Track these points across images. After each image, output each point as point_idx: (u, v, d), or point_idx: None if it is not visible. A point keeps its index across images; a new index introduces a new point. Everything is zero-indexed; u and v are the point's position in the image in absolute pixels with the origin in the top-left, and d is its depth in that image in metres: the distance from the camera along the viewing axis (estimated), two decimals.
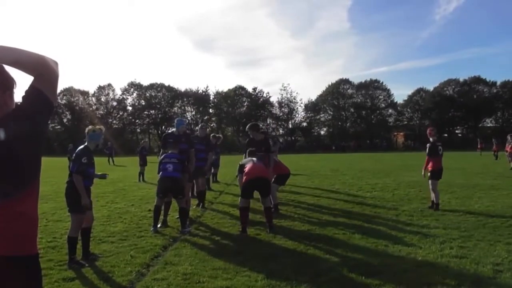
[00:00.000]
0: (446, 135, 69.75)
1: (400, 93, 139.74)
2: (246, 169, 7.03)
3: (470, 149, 44.89)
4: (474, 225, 7.08)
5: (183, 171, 7.30)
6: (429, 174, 8.99)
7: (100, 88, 79.04)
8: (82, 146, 5.50)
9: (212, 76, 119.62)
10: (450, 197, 10.29)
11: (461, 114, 73.20)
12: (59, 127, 78.32)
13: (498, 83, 74.43)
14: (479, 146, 35.97)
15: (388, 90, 78.37)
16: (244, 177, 6.99)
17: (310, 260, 5.20)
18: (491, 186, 12.53)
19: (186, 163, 7.60)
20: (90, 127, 5.67)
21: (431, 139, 9.20)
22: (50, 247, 6.01)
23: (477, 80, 75.40)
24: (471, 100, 72.66)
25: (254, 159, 7.35)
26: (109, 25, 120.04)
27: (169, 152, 7.38)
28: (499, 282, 4.30)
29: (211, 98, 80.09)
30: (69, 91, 78.26)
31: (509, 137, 21.70)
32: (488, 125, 75.28)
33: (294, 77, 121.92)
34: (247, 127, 9.07)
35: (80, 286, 4.44)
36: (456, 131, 79.32)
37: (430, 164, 9.00)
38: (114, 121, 79.23)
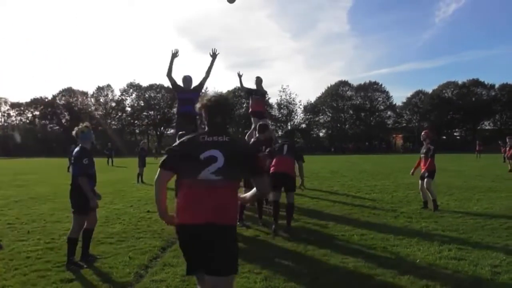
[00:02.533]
0: (444, 137, 69.92)
1: (399, 95, 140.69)
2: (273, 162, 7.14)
3: (468, 151, 44.97)
4: (472, 227, 7.08)
5: None
6: (426, 173, 9.07)
7: (99, 89, 79.12)
8: (78, 148, 5.43)
9: (211, 77, 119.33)
10: (449, 199, 10.29)
11: (460, 117, 73.45)
12: (57, 127, 78.29)
13: (497, 86, 74.85)
14: (477, 149, 36.05)
15: (387, 92, 78.69)
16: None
17: (309, 262, 5.20)
18: (489, 188, 12.53)
19: None
20: (76, 128, 5.54)
21: (429, 141, 9.41)
22: (49, 248, 5.98)
23: (476, 82, 75.68)
24: (470, 103, 72.90)
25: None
26: (108, 25, 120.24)
27: None
28: (497, 283, 4.30)
29: None
30: (68, 91, 78.35)
31: (508, 140, 21.73)
32: (487, 127, 75.47)
33: (294, 78, 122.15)
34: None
35: None
36: (455, 133, 79.54)
37: (428, 165, 9.11)
38: (113, 122, 79.26)
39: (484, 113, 72.79)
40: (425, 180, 9.05)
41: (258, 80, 11.33)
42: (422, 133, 9.78)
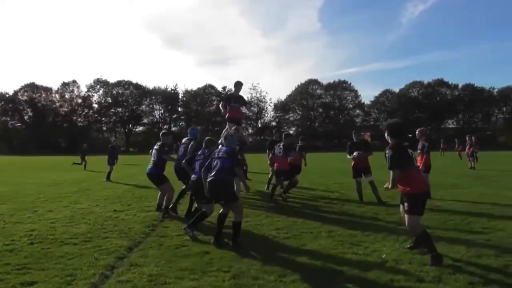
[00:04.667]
0: (410, 135, 71.62)
1: (368, 94, 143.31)
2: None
3: (433, 149, 46.30)
4: (436, 222, 7.27)
5: None
6: (423, 169, 9.56)
7: (64, 85, 77.03)
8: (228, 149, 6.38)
9: (181, 74, 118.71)
10: None
11: (425, 115, 75.46)
12: (19, 124, 75.68)
13: (460, 86, 77.46)
14: (441, 147, 37.16)
15: (356, 91, 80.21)
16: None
17: (277, 260, 5.20)
18: (452, 185, 12.94)
19: None
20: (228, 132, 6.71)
21: (424, 138, 10.17)
22: (8, 250, 5.74)
23: (441, 82, 78.12)
24: (435, 102, 75.20)
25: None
26: (74, 20, 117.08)
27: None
28: (458, 277, 4.42)
29: (180, 97, 79.34)
30: (30, 87, 75.82)
31: (467, 138, 22.59)
32: (450, 126, 77.94)
33: (264, 76, 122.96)
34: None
35: None
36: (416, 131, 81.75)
37: (425, 160, 9.85)
38: (79, 119, 77.30)
39: (448, 112, 75.20)
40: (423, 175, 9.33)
41: (239, 87, 11.24)
42: (417, 132, 10.52)
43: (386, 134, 5.25)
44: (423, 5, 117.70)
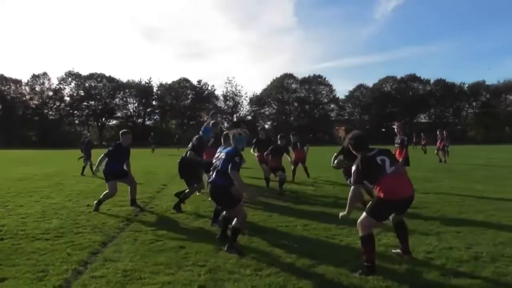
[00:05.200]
0: (384, 129, 72.85)
1: (342, 89, 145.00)
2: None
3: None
4: (408, 215, 7.42)
5: None
6: (403, 162, 9.90)
7: (35, 77, 74.85)
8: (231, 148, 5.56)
9: (155, 67, 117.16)
10: None
11: (398, 110, 76.80)
12: None
13: (432, 81, 79.15)
14: (413, 141, 37.95)
15: (331, 85, 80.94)
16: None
17: (253, 253, 5.23)
18: (424, 179, 13.25)
19: None
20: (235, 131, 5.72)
21: (400, 134, 10.48)
22: None
23: (413, 78, 79.64)
24: (407, 97, 76.67)
25: None
26: (45, 10, 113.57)
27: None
28: (430, 269, 4.55)
29: (155, 90, 78.35)
30: None
31: (438, 133, 23.08)
32: (422, 120, 79.61)
33: (240, 70, 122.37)
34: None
35: (11, 287, 4.17)
36: (393, 126, 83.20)
37: (404, 153, 10.25)
38: (50, 112, 75.40)
39: (420, 107, 76.79)
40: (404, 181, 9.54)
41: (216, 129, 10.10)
42: (396, 126, 10.88)
43: (352, 150, 4.85)
44: (396, 1, 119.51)
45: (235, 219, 5.44)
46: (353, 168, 4.64)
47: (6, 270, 4.62)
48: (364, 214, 4.63)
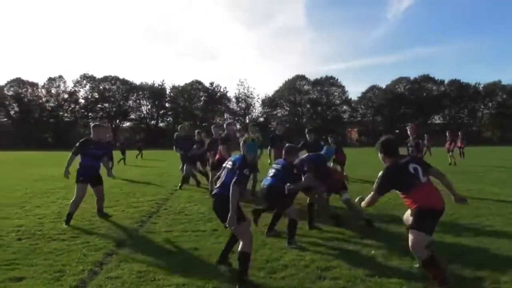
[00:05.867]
0: (397, 131, 72.26)
1: (354, 90, 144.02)
2: None
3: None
4: None
5: None
6: None
7: (51, 80, 75.84)
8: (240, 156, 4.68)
9: (168, 69, 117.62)
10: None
11: (412, 111, 75.99)
12: (5, 119, 74.57)
13: (446, 81, 78.09)
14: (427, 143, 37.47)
15: (343, 87, 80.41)
16: None
17: (266, 256, 5.23)
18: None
19: None
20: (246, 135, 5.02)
21: (413, 137, 10.09)
22: None
23: (427, 78, 78.73)
24: (421, 98, 75.82)
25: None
26: (60, 15, 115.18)
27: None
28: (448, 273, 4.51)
29: (168, 92, 78.83)
30: (17, 82, 74.62)
31: (448, 134, 22.69)
32: (437, 121, 78.67)
33: (252, 72, 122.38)
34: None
35: (28, 287, 4.24)
36: (407, 128, 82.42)
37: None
38: (66, 114, 76.34)
39: (434, 108, 75.89)
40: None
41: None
42: (409, 128, 10.46)
43: (380, 155, 4.45)
44: (408, 0, 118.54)
45: (241, 242, 4.40)
46: (379, 174, 4.29)
47: (24, 269, 4.71)
48: (410, 234, 4.09)
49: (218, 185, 4.67)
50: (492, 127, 76.92)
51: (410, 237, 4.07)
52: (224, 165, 4.81)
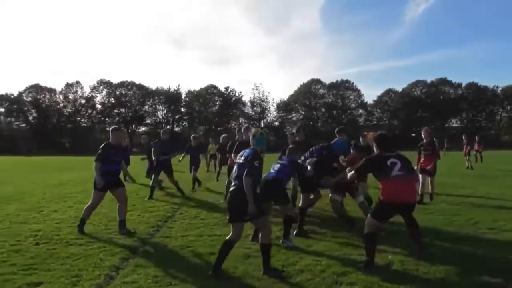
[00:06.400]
0: (414, 135, 71.48)
1: (370, 94, 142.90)
2: None
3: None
4: (441, 223, 7.27)
5: None
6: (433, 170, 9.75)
7: (68, 86, 77.02)
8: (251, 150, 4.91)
9: (184, 74, 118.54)
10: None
11: (429, 115, 75.08)
12: (24, 125, 75.93)
13: (464, 84, 76.96)
14: (446, 146, 37.01)
15: (359, 90, 79.83)
16: None
17: (282, 261, 5.20)
18: (457, 185, 12.91)
19: None
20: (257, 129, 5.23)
21: (427, 140, 9.96)
22: (13, 251, 5.77)
23: (444, 81, 77.70)
24: (438, 101, 74.81)
25: None
26: (77, 21, 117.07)
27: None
28: (463, 278, 4.41)
29: (183, 97, 79.36)
30: (35, 88, 75.99)
31: (464, 138, 22.42)
32: (454, 125, 77.57)
33: (267, 76, 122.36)
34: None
35: None
36: (421, 131, 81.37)
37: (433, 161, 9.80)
38: (83, 120, 77.42)
39: (451, 111, 74.86)
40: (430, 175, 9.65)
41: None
42: (423, 132, 10.29)
43: (374, 146, 5.35)
44: (425, 3, 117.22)
45: (260, 235, 4.81)
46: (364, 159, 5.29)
47: (42, 274, 4.76)
48: (368, 217, 5.12)
49: (233, 182, 4.84)
50: (511, 130, 75.48)
51: (367, 219, 5.08)
52: (237, 159, 4.98)
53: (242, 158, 4.84)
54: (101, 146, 7.29)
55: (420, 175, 9.43)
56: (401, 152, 5.13)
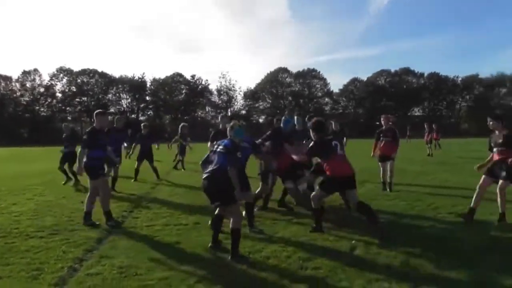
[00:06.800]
0: (378, 123, 73.01)
1: (336, 82, 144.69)
2: None
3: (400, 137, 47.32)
4: (403, 208, 7.50)
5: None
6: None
7: (25, 73, 73.94)
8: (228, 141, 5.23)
9: (149, 62, 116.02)
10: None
11: (392, 104, 76.89)
12: None
13: (426, 74, 79.20)
14: (408, 134, 38.09)
15: (325, 79, 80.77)
16: None
17: (248, 248, 5.22)
18: (417, 172, 13.36)
19: None
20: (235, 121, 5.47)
21: (386, 127, 9.96)
22: None
23: (407, 71, 79.74)
24: (401, 90, 76.80)
25: None
26: (35, 4, 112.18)
27: None
28: (424, 261, 4.57)
29: (148, 85, 77.90)
30: None
31: (426, 126, 23.30)
32: (416, 114, 79.83)
33: (235, 65, 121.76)
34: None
35: (5, 286, 4.13)
36: (380, 118, 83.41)
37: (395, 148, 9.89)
38: (42, 109, 74.71)
39: (414, 100, 77.00)
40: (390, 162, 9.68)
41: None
42: (382, 119, 10.22)
43: (312, 132, 5.97)
44: None
45: (232, 220, 4.93)
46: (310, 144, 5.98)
47: (0, 269, 4.57)
48: (316, 188, 6.00)
49: (209, 168, 5.11)
50: (469, 119, 78.45)
51: (314, 194, 5.92)
52: (215, 148, 5.26)
53: (221, 147, 5.15)
54: (87, 131, 7.13)
55: (380, 163, 9.65)
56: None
